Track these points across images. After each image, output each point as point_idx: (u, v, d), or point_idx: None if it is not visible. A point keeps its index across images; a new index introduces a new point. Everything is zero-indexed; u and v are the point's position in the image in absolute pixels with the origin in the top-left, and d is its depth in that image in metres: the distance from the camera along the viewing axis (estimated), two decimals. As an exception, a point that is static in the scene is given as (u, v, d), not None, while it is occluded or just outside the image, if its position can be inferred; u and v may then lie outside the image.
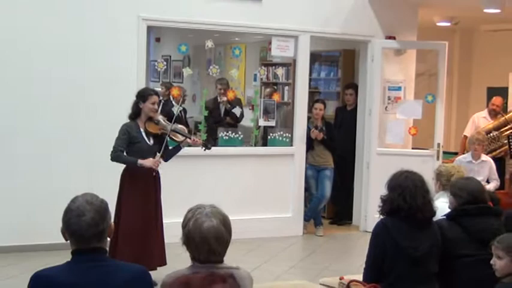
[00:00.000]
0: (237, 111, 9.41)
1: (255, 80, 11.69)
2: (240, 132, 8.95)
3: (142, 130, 6.25)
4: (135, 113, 6.29)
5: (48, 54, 7.53)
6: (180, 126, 6.63)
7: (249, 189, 8.56)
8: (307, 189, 9.21)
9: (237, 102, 9.79)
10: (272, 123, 9.26)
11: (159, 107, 6.55)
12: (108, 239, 2.99)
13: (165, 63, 9.47)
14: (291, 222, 8.98)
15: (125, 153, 6.21)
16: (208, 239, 2.94)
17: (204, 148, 6.71)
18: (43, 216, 6.96)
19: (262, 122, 9.19)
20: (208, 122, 8.91)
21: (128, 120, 6.31)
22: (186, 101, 10.52)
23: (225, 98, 9.44)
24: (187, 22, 8.31)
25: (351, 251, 8.41)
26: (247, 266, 3.45)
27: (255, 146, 9.14)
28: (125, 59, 7.93)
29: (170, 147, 6.47)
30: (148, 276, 2.94)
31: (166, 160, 6.45)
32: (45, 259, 5.54)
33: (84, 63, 7.69)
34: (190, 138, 6.56)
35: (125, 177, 6.27)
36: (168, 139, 6.35)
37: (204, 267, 2.93)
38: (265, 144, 9.25)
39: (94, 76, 7.74)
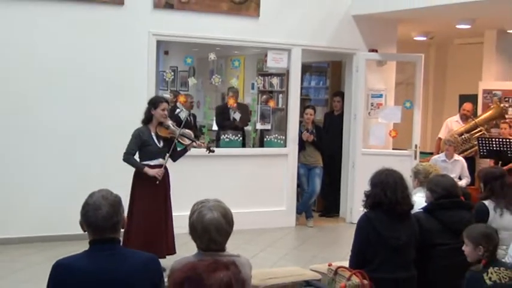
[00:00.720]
0: (236, 116, 9.39)
1: (252, 88, 11.69)
2: (239, 135, 8.94)
3: (153, 134, 6.22)
4: (148, 118, 6.26)
5: (73, 65, 7.57)
6: (187, 131, 6.58)
7: (248, 185, 8.55)
8: (299, 185, 9.21)
9: (243, 107, 9.77)
10: (268, 126, 9.24)
11: (168, 113, 6.52)
12: (122, 230, 2.99)
13: (172, 73, 9.45)
14: (285, 215, 8.97)
15: (136, 155, 6.22)
16: (209, 229, 2.95)
17: (208, 151, 6.67)
18: (65, 209, 6.94)
19: (259, 126, 9.16)
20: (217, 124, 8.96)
21: (141, 125, 6.30)
22: (193, 107, 10.52)
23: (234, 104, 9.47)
24: (192, 37, 8.32)
25: (338, 240, 8.38)
26: (247, 254, 3.44)
27: (253, 147, 9.12)
28: (137, 69, 7.94)
29: (178, 149, 6.46)
30: (158, 262, 2.95)
31: (174, 160, 6.45)
32: (66, 248, 5.50)
33: (103, 74, 7.72)
34: (196, 142, 6.56)
35: (137, 174, 6.25)
36: (177, 142, 6.33)
37: (208, 255, 2.91)
38: (262, 145, 9.22)
39: (110, 85, 7.76)
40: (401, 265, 4.24)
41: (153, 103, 6.29)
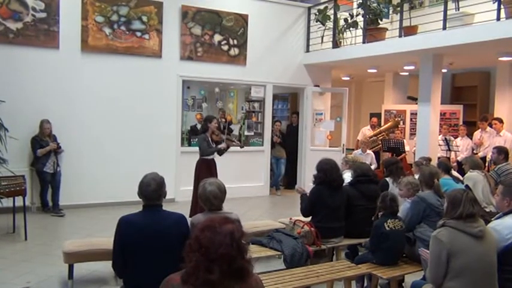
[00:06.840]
0: (233, 126, 9.40)
1: (242, 109, 11.60)
2: (234, 138, 8.92)
3: (209, 138, 6.02)
4: (205, 129, 6.06)
5: (131, 94, 7.51)
6: (228, 136, 6.30)
7: (240, 169, 8.53)
8: (271, 169, 9.22)
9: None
10: (252, 133, 9.26)
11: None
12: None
13: (192, 100, 9.39)
14: (263, 188, 8.98)
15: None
16: (209, 198, 2.98)
17: (241, 147, 6.52)
18: (127, 185, 6.90)
19: (246, 132, 9.18)
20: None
21: (202, 134, 6.13)
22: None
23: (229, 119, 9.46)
24: (204, 77, 8.31)
25: (295, 204, 8.30)
26: (239, 212, 3.43)
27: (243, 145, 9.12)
28: (170, 98, 7.91)
29: (222, 148, 6.11)
30: (186, 219, 2.89)
31: (220, 155, 6.15)
32: (126, 210, 5.50)
33: (149, 101, 7.67)
34: (235, 142, 6.30)
35: (200, 164, 6.00)
36: (222, 143, 6.08)
37: (211, 213, 2.94)
38: (248, 144, 9.23)
39: (153, 108, 7.72)
40: (335, 219, 4.27)
41: (209, 120, 6.07)
